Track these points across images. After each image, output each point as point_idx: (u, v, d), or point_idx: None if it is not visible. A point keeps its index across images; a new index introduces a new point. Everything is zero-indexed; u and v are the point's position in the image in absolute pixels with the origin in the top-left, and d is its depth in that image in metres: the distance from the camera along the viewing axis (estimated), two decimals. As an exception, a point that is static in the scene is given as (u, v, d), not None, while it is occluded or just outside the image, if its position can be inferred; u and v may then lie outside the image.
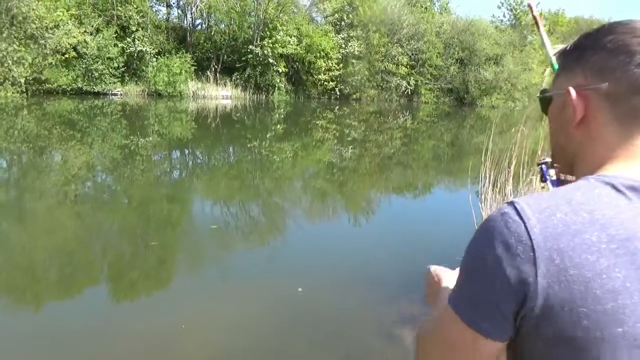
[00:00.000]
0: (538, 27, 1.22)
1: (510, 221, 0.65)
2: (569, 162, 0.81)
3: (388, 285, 3.78)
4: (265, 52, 26.13)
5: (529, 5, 1.26)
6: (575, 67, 0.76)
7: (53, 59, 20.27)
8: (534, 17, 1.24)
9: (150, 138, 12.11)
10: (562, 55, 0.80)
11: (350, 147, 12.66)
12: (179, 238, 5.23)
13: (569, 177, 0.92)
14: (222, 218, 5.75)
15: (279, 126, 17.36)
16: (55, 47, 20.22)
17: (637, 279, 0.62)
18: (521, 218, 0.65)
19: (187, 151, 11.49)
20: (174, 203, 6.48)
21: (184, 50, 25.49)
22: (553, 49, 0.88)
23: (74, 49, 21.02)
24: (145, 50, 23.59)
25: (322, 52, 28.73)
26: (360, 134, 16.14)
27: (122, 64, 22.91)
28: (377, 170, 10.20)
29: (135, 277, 4.03)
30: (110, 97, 22.34)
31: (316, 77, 29.43)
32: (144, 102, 21.97)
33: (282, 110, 23.70)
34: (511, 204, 0.67)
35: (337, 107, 25.84)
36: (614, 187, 0.66)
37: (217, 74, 26.68)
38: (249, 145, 12.28)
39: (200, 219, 5.75)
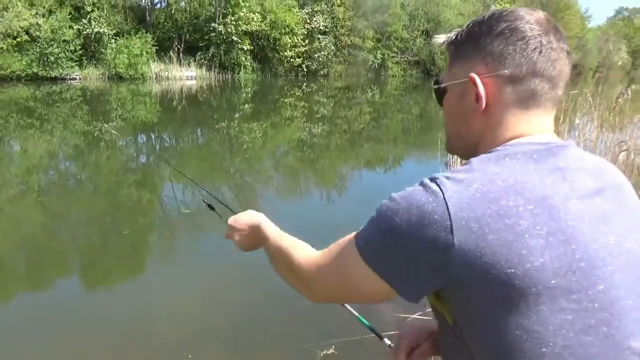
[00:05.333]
0: None
1: (429, 192, 0.68)
2: (470, 151, 0.81)
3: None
4: (229, 29, 25.53)
5: None
6: (473, 56, 0.76)
7: (4, 44, 19.30)
8: None
9: (114, 123, 11.75)
10: (454, 44, 0.81)
11: (320, 124, 12.61)
12: (151, 224, 5.14)
13: None
14: (194, 202, 5.68)
15: (246, 105, 17.10)
16: (6, 31, 19.23)
17: (560, 230, 0.66)
18: (440, 189, 0.67)
19: (153, 135, 11.21)
20: (144, 189, 6.34)
21: (144, 31, 24.64)
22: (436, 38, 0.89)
23: (26, 32, 20.03)
24: (103, 31, 22.69)
25: (287, 28, 28.27)
26: (329, 110, 16.07)
27: (79, 47, 22.00)
28: (348, 145, 10.21)
29: (109, 264, 3.95)
30: (69, 82, 21.49)
31: (282, 54, 29.01)
32: (104, 86, 21.22)
33: (249, 89, 23.33)
34: (432, 178, 0.71)
35: (305, 84, 25.61)
36: (516, 154, 0.71)
37: (180, 54, 25.95)
38: (217, 127, 12.07)
39: (171, 204, 5.66)
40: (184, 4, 27.86)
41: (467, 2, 36.80)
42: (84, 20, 22.33)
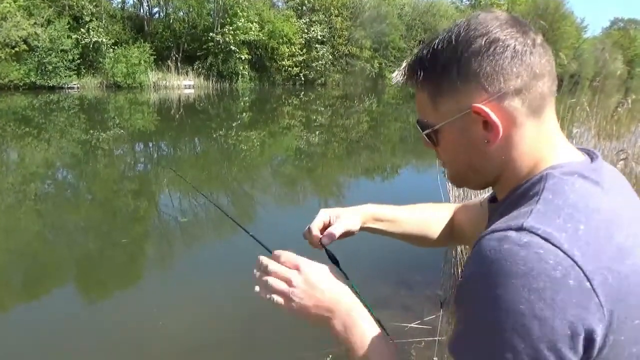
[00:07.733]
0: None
1: (542, 252, 0.54)
2: (489, 180, 0.74)
3: (356, 270, 3.80)
4: (227, 39, 25.66)
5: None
6: (463, 85, 0.67)
7: (2, 53, 19.34)
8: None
9: (112, 132, 11.75)
10: (429, 80, 0.70)
11: (318, 132, 12.64)
12: (149, 234, 5.12)
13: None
14: (192, 210, 5.66)
15: (244, 114, 17.13)
16: (4, 41, 19.28)
17: None
18: (553, 244, 0.54)
19: (150, 144, 11.21)
20: (141, 198, 6.32)
21: (142, 40, 24.74)
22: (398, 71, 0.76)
23: (25, 41, 20.08)
24: (101, 41, 22.78)
25: (284, 38, 28.42)
26: (327, 119, 16.12)
27: (77, 56, 22.05)
28: (346, 154, 10.22)
29: (106, 274, 3.93)
30: (67, 91, 21.51)
31: (280, 63, 29.14)
32: (102, 94, 21.25)
33: (246, 98, 23.39)
34: (518, 228, 0.57)
35: (303, 93, 25.70)
36: (580, 175, 0.64)
37: (178, 63, 26.04)
38: (214, 135, 12.07)
39: (169, 213, 5.64)
40: (182, 14, 28.04)
41: (463, 12, 37.10)
42: (82, 30, 22.43)
